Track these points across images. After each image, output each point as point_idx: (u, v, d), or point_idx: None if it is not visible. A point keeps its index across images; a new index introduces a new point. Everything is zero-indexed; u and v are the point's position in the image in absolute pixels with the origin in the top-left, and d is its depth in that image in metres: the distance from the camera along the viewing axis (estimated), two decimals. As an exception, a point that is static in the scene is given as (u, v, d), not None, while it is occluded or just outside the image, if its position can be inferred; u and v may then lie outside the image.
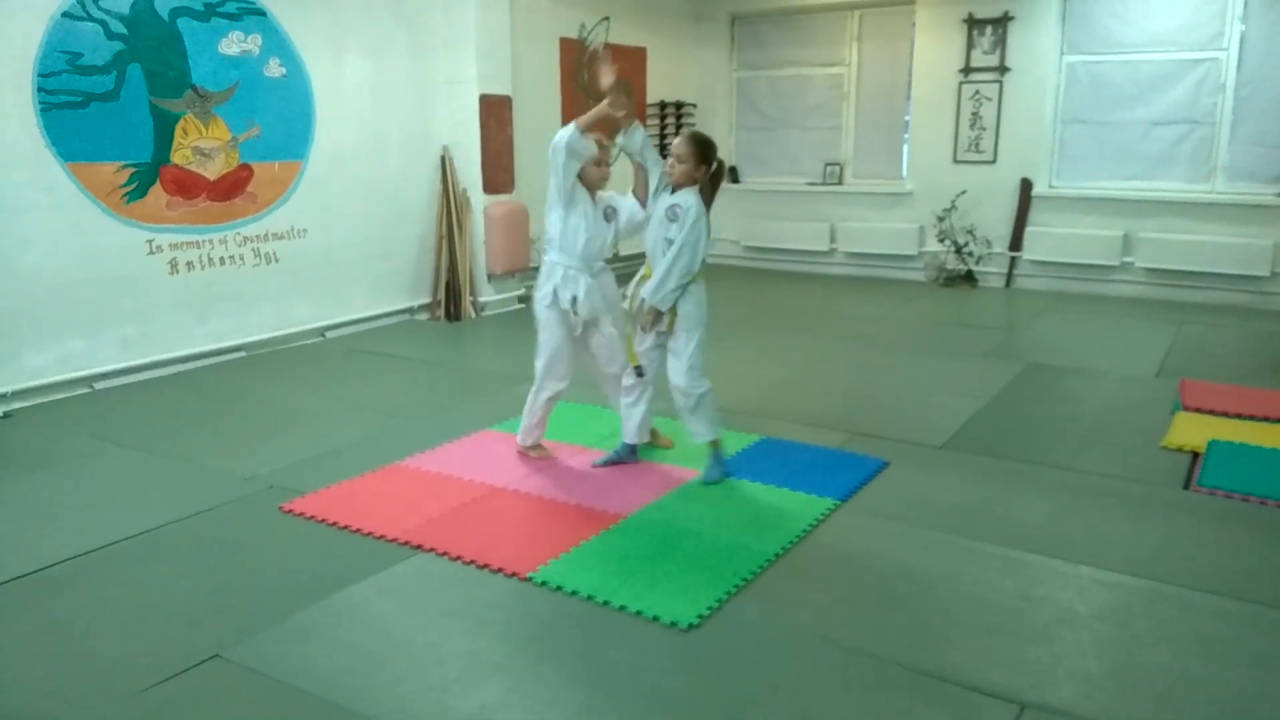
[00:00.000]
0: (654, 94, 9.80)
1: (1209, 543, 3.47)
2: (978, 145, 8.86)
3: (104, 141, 5.45)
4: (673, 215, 3.88)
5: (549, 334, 4.16)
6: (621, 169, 4.50)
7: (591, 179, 4.06)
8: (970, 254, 8.96)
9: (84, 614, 3.00)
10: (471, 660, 2.72)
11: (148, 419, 4.99)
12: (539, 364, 4.23)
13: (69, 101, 5.26)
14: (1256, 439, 4.44)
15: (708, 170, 3.94)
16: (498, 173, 7.69)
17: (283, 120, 6.41)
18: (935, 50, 8.92)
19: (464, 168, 7.59)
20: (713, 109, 10.29)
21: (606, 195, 4.16)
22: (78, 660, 2.74)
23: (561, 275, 4.04)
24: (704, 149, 3.91)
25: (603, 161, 4.06)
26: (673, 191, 3.93)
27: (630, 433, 4.22)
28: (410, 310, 7.58)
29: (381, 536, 3.51)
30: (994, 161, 8.80)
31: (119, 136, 5.51)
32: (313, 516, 3.69)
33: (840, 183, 9.74)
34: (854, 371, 5.90)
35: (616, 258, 9.07)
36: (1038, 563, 3.30)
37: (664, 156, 4.04)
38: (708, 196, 3.96)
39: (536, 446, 4.37)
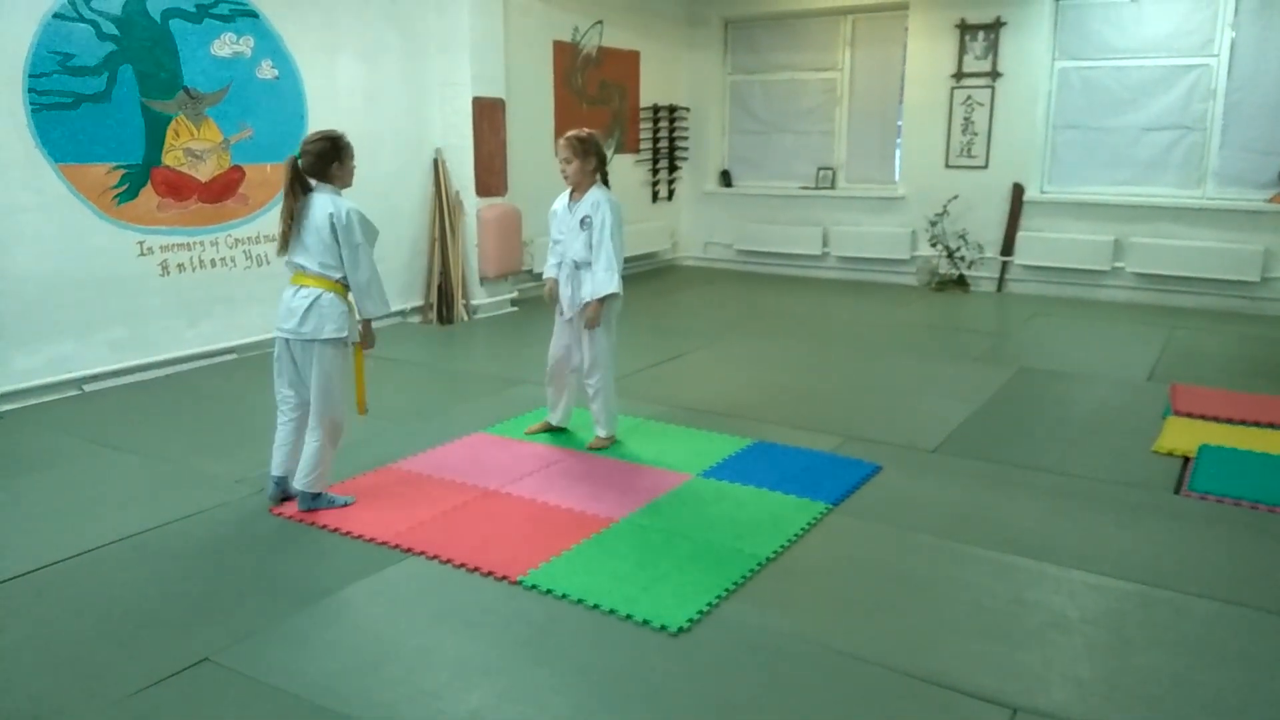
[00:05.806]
0: (647, 98, 9.81)
1: (1200, 547, 3.48)
2: (970, 150, 8.88)
3: (95, 143, 5.42)
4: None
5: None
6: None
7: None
8: (962, 258, 8.99)
9: (73, 617, 2.98)
10: (463, 664, 2.72)
11: (138, 421, 4.97)
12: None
13: (60, 102, 5.24)
14: (1247, 444, 4.46)
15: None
16: (490, 176, 7.68)
17: (275, 122, 6.39)
18: (928, 55, 8.95)
19: (457, 170, 7.59)
20: (706, 113, 10.30)
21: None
22: (66, 664, 2.72)
23: None
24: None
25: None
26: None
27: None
28: (403, 313, 7.57)
29: (373, 539, 3.50)
30: (986, 166, 8.83)
31: (110, 138, 5.49)
32: (303, 519, 3.68)
33: (833, 187, 9.76)
34: (846, 375, 5.90)
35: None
36: (1029, 567, 3.31)
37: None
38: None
39: None
